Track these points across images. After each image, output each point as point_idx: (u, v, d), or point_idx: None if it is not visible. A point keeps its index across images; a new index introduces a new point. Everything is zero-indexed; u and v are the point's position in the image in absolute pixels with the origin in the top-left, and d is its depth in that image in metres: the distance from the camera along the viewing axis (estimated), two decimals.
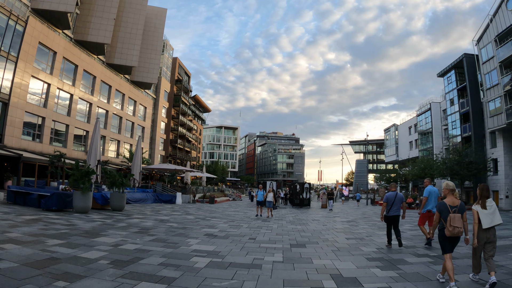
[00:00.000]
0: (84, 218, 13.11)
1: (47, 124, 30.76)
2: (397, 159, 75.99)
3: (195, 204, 29.45)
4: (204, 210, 22.70)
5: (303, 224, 15.78)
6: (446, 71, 51.83)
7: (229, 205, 32.60)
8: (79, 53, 35.59)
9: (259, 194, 19.39)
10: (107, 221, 12.54)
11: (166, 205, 25.63)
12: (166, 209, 21.37)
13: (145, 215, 15.97)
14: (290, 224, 15.35)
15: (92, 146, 19.72)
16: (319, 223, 16.62)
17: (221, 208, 26.46)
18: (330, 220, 18.44)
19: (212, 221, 15.04)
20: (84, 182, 14.73)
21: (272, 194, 19.37)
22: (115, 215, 14.89)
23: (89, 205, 15.07)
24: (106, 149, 40.62)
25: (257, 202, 19.48)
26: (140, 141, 26.29)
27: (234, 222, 15.15)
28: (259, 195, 19.34)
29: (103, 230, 10.28)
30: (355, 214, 23.67)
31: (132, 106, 47.56)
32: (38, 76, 29.83)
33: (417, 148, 64.99)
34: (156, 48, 52.55)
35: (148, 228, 11.34)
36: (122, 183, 17.37)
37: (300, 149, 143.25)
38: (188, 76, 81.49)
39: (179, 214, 17.80)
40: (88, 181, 15.21)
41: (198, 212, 20.10)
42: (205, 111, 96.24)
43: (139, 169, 25.82)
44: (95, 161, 19.29)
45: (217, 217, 17.33)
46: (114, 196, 17.27)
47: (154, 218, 14.94)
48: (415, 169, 46.25)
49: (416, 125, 65.36)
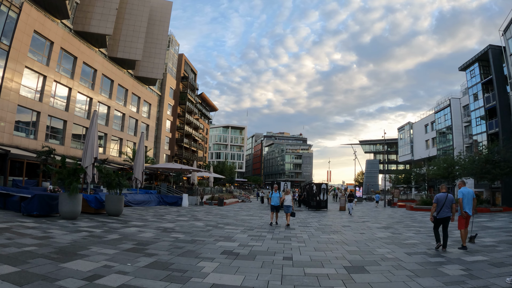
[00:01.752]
0: (68, 226, 10.50)
1: (42, 119, 28.26)
2: (411, 159, 72.81)
3: (203, 207, 26.84)
4: (214, 214, 20.05)
5: (336, 232, 13.02)
6: (469, 64, 48.67)
7: (240, 207, 29.96)
8: (78, 44, 33.12)
9: (274, 197, 15.44)
10: (96, 232, 9.91)
11: (171, 208, 23.03)
12: (171, 213, 18.74)
13: (146, 222, 13.31)
14: (321, 233, 12.59)
15: (88, 141, 17.15)
16: (353, 230, 13.91)
17: (231, 211, 23.81)
18: (363, 226, 15.70)
19: (227, 230, 12.35)
20: (72, 182, 12.14)
21: (291, 197, 15.41)
22: (109, 222, 12.26)
23: (77, 209, 12.45)
24: (107, 148, 38.11)
25: (271, 207, 15.53)
26: (143, 138, 23.67)
27: (254, 231, 12.43)
28: (274, 198, 15.41)
29: (84, 246, 7.62)
30: (382, 218, 21.06)
31: (135, 103, 45.05)
32: (33, 67, 27.36)
33: (434, 147, 61.88)
34: (161, 42, 50.01)
35: (146, 243, 8.67)
36: (119, 184, 14.76)
37: (308, 149, 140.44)
38: (195, 73, 79.01)
39: (186, 220, 15.13)
40: (77, 181, 12.62)
41: (207, 217, 17.42)
42: (211, 110, 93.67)
43: (142, 168, 23.21)
44: (91, 158, 16.73)
45: (231, 224, 14.64)
46: (109, 198, 14.66)
47: (156, 226, 12.28)
48: (435, 168, 43.24)
49: (434, 122, 62.24)
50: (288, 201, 15.07)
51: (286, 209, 15.04)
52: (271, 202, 15.47)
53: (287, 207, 15.02)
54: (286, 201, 15.09)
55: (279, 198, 15.29)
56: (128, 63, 43.73)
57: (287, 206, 15.02)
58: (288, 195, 15.28)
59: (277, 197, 15.29)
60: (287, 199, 15.12)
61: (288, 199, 15.12)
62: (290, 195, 15.28)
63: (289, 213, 15.01)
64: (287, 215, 15.10)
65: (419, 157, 68.93)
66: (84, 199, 14.85)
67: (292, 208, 15.11)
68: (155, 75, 48.58)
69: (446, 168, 40.43)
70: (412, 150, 73.25)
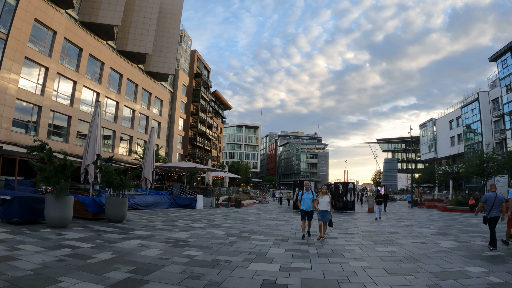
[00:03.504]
0: (50, 239, 7.94)
1: (44, 114, 26.00)
2: (435, 157, 68.96)
3: (219, 209, 24.21)
4: (233, 218, 17.35)
5: (391, 242, 10.10)
6: (500, 53, 45.20)
7: (259, 209, 27.26)
8: (84, 35, 30.84)
9: (305, 199, 10.92)
10: (82, 248, 7.29)
11: (185, 211, 20.44)
12: (184, 217, 16.11)
13: (153, 231, 10.67)
14: (374, 244, 9.72)
15: (90, 136, 14.80)
16: (407, 238, 11.22)
17: (252, 214, 21.11)
18: (413, 232, 12.77)
19: (255, 242, 9.61)
20: (59, 181, 9.60)
21: (329, 198, 10.90)
22: (106, 232, 9.67)
23: (66, 215, 9.90)
24: (116, 146, 35.78)
25: (302, 213, 10.96)
26: (153, 133, 21.21)
27: (290, 244, 9.64)
28: (305, 201, 10.90)
29: (52, 277, 4.98)
30: (423, 221, 18.28)
31: (146, 99, 42.68)
32: (34, 58, 25.14)
33: (460, 143, 58.19)
34: (173, 36, 47.55)
35: (147, 268, 5.96)
36: (122, 184, 12.17)
37: (324, 148, 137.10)
38: (208, 70, 76.60)
39: (203, 227, 12.42)
40: (67, 180, 10.08)
41: (227, 222, 14.71)
42: (225, 108, 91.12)
43: (152, 167, 20.74)
44: (93, 156, 14.35)
45: (256, 232, 11.89)
46: (110, 201, 12.09)
47: (165, 236, 9.61)
48: (466, 165, 39.85)
49: (459, 118, 58.53)
50: (325, 205, 10.75)
51: (322, 217, 10.66)
52: (302, 206, 10.95)
53: (323, 213, 10.68)
54: (322, 204, 10.78)
55: (312, 200, 10.93)
56: (138, 57, 41.45)
57: (323, 212, 10.68)
58: (326, 195, 10.96)
59: (310, 199, 10.89)
60: (323, 202, 10.80)
61: (325, 202, 10.79)
62: (328, 197, 10.93)
63: (325, 222, 10.67)
64: (323, 226, 10.69)
65: (443, 155, 65.17)
66: (80, 202, 12.35)
67: (330, 215, 10.82)
68: (167, 70, 46.19)
69: (479, 165, 37.38)
70: (435, 148, 69.42)
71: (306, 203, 10.95)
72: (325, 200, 10.87)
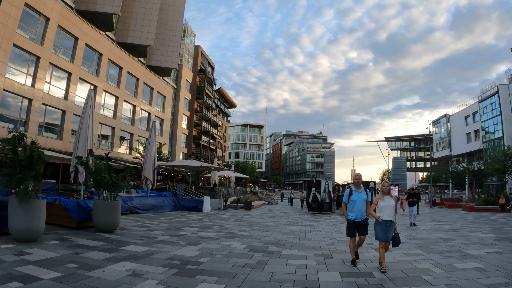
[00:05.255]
0: (2, 261, 5.44)
1: (35, 108, 23.56)
2: (449, 154, 65.98)
3: (229, 212, 21.71)
4: (247, 223, 14.79)
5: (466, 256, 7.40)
6: None
7: (271, 211, 24.73)
8: (80, 23, 28.38)
9: (356, 203, 6.83)
10: (41, 279, 4.78)
11: (190, 214, 17.93)
12: (190, 223, 13.57)
13: (152, 245, 8.11)
14: (453, 259, 7.14)
15: (81, 129, 12.48)
16: (474, 247, 8.65)
17: (266, 217, 18.56)
18: (468, 238, 10.16)
19: (292, 262, 6.95)
20: (24, 181, 7.11)
21: (394, 201, 6.64)
22: (87, 248, 7.13)
23: (36, 225, 7.36)
24: (115, 143, 33.27)
25: (349, 225, 6.93)
26: (154, 129, 18.80)
27: (337, 261, 7.02)
28: (356, 204, 6.83)
29: None
30: (463, 223, 15.42)
31: (148, 94, 40.16)
32: (23, 46, 22.75)
33: (478, 140, 55.32)
34: (175, 29, 45.00)
35: None
36: (113, 184, 9.65)
37: (330, 147, 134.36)
38: (212, 67, 74.05)
39: (215, 238, 9.84)
40: (37, 178, 7.59)
41: (243, 229, 12.14)
42: (230, 106, 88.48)
43: (154, 166, 18.31)
44: (84, 151, 11.99)
45: (285, 244, 9.25)
46: (98, 206, 9.56)
47: (167, 255, 7.01)
48: (491, 161, 37.20)
49: (476, 113, 55.64)
50: (390, 212, 6.48)
51: (385, 232, 6.49)
52: (351, 214, 6.88)
53: (387, 226, 6.50)
54: (386, 210, 6.48)
55: (366, 203, 6.84)
56: (139, 50, 39.00)
57: (388, 225, 6.50)
58: (388, 196, 6.64)
59: (363, 202, 6.82)
60: (388, 207, 6.49)
61: (390, 207, 6.49)
62: (392, 199, 6.61)
63: (387, 241, 6.57)
64: (384, 246, 6.55)
65: (458, 152, 62.29)
66: (62, 206, 9.88)
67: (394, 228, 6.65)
68: (170, 65, 43.66)
69: (504, 161, 34.92)
70: (450, 145, 66.46)
71: (358, 207, 6.78)
72: (389, 204, 6.49)
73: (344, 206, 7.12)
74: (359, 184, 7.05)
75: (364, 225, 6.89)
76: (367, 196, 6.92)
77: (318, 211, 23.70)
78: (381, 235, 6.54)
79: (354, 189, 6.99)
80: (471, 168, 41.97)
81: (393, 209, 6.53)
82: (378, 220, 6.53)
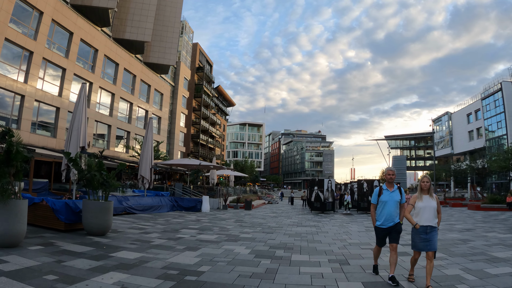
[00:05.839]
0: None
1: (28, 105, 22.70)
2: (451, 153, 65.31)
3: (228, 211, 20.96)
4: (249, 224, 14.02)
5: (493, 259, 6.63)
6: None
7: (272, 211, 23.99)
8: (75, 17, 27.52)
9: (387, 204, 5.52)
10: None
11: (189, 215, 17.14)
12: (188, 224, 12.79)
13: (146, 250, 7.32)
14: (483, 263, 6.33)
15: (73, 125, 11.65)
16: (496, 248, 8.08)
17: (268, 218, 17.79)
18: (487, 239, 9.49)
19: (306, 269, 6.17)
20: (1, 178, 6.31)
21: (437, 201, 5.22)
22: (73, 254, 6.32)
23: (16, 229, 6.55)
24: (111, 141, 32.42)
25: (378, 232, 5.67)
26: (151, 126, 18.03)
27: (355, 268, 6.20)
28: (387, 207, 5.52)
29: None
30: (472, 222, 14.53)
31: (145, 92, 39.31)
32: (16, 40, 21.91)
33: (480, 138, 54.65)
34: (173, 25, 44.15)
35: None
36: (104, 183, 8.85)
37: (329, 146, 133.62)
38: (210, 65, 73.16)
39: (216, 241, 9.04)
40: (17, 176, 6.80)
41: (245, 231, 11.35)
42: (229, 105, 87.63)
43: (150, 164, 17.53)
44: (76, 148, 11.18)
45: (293, 248, 8.45)
46: (88, 206, 8.75)
47: (162, 263, 6.20)
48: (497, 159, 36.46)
49: (479, 111, 55.00)
50: (431, 215, 5.17)
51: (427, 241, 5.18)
52: (379, 218, 5.64)
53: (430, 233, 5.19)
54: (425, 213, 5.17)
55: (398, 204, 5.60)
56: (136, 47, 38.12)
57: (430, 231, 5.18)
58: (427, 196, 5.25)
59: (396, 204, 5.57)
60: (428, 209, 5.17)
61: (431, 209, 5.17)
62: (434, 199, 5.22)
63: (431, 251, 5.15)
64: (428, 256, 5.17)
65: (460, 151, 61.70)
66: (49, 207, 9.08)
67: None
68: (168, 61, 42.81)
69: (510, 158, 34.34)
70: (451, 143, 65.81)
71: (389, 210, 5.50)
72: (430, 205, 5.16)
73: (373, 209, 5.76)
74: (392, 181, 5.69)
75: (397, 231, 5.49)
76: (401, 197, 5.56)
77: (321, 211, 23.00)
78: (419, 245, 5.19)
79: (385, 187, 5.64)
80: (475, 166, 41.29)
81: (434, 212, 5.16)
82: (416, 226, 5.20)
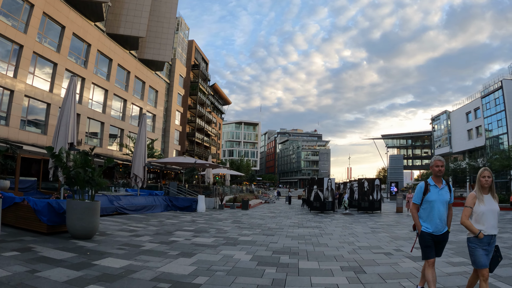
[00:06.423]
0: None
1: (17, 100, 21.81)
2: (450, 152, 64.86)
3: (225, 211, 20.24)
4: (247, 225, 13.29)
5: None
6: None
7: (270, 211, 23.32)
8: (67, 11, 26.61)
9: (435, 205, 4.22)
10: None
11: (184, 215, 16.39)
12: (183, 225, 12.05)
13: (134, 257, 6.56)
14: None
15: (61, 120, 10.90)
16: None
17: (267, 218, 17.09)
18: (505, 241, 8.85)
19: (318, 281, 5.43)
20: None
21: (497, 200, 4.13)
22: (52, 263, 5.55)
23: None
24: (104, 139, 31.55)
25: (423, 240, 4.26)
26: (144, 122, 17.30)
27: (373, 278, 5.56)
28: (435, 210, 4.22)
29: None
30: None
31: (139, 88, 38.42)
32: (5, 34, 21.01)
33: (480, 136, 54.21)
34: (169, 21, 43.25)
35: None
36: (90, 181, 8.09)
37: (325, 145, 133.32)
38: (206, 63, 72.37)
39: (213, 245, 8.30)
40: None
41: (244, 233, 10.63)
42: (224, 103, 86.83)
43: (144, 162, 16.77)
44: (64, 143, 10.43)
45: (298, 253, 7.70)
46: (72, 207, 7.98)
47: (152, 273, 5.42)
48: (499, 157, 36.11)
49: (478, 109, 54.55)
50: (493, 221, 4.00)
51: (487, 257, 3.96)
52: (425, 223, 4.30)
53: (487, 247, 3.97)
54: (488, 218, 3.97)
55: (447, 205, 4.31)
56: (130, 42, 37.27)
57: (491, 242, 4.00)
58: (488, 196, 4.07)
59: (445, 205, 4.28)
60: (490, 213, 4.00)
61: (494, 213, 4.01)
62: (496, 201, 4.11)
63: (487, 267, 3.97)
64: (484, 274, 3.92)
65: (459, 149, 61.31)
66: (30, 208, 8.30)
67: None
68: (163, 58, 41.96)
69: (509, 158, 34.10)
70: (450, 142, 65.37)
71: (438, 212, 4.25)
72: (493, 208, 4.02)
73: (416, 210, 4.41)
74: (440, 175, 4.36)
75: (446, 240, 4.34)
76: (451, 196, 4.34)
77: (321, 211, 22.41)
78: (483, 259, 3.91)
79: (433, 183, 4.33)
80: (476, 165, 40.83)
81: (497, 216, 4.04)
82: (479, 236, 3.91)
